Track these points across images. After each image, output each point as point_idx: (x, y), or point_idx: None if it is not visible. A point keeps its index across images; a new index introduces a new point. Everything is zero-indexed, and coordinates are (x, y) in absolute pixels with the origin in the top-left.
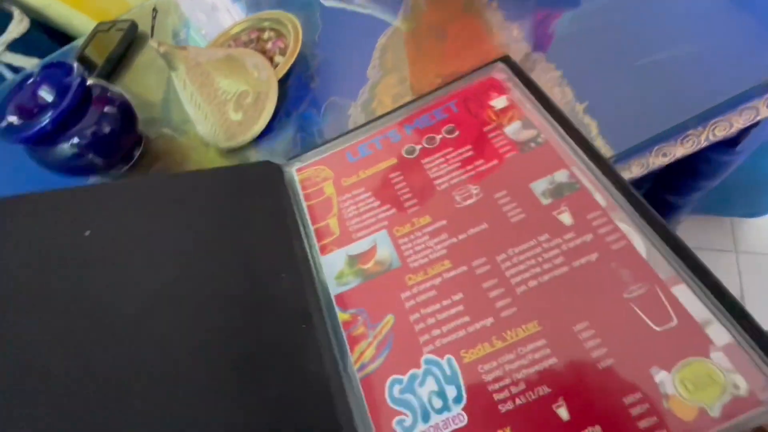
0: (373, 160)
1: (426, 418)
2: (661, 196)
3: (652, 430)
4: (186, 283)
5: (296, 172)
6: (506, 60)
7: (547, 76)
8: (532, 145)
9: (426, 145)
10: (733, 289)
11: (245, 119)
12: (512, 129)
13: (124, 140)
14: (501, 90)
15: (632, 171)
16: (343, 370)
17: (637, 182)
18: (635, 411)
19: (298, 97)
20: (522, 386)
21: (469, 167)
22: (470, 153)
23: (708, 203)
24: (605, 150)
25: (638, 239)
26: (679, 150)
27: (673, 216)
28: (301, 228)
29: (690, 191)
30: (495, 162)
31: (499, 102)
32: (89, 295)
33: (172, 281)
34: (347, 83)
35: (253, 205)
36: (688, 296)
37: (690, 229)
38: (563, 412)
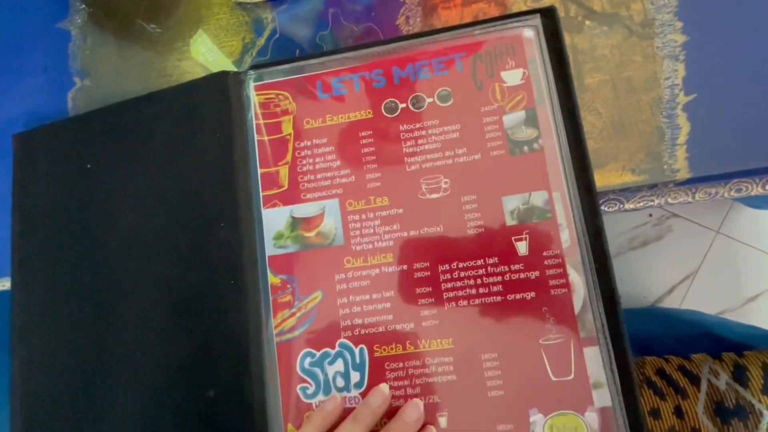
0: (346, 104)
1: (327, 391)
2: None
3: None
4: (140, 225)
5: (254, 91)
6: (548, 13)
7: (662, 40)
8: (525, 149)
9: (411, 107)
10: (694, 262)
11: None
12: (512, 119)
13: None
14: (521, 59)
15: (695, 197)
16: (263, 330)
17: None
18: None
19: None
20: (417, 390)
21: (448, 153)
22: (456, 135)
23: None
24: (682, 167)
25: (580, 292)
26: (757, 190)
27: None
28: (250, 168)
29: None
30: (478, 156)
31: (512, 76)
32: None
33: (130, 224)
34: None
35: (203, 136)
36: (594, 358)
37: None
38: (443, 421)
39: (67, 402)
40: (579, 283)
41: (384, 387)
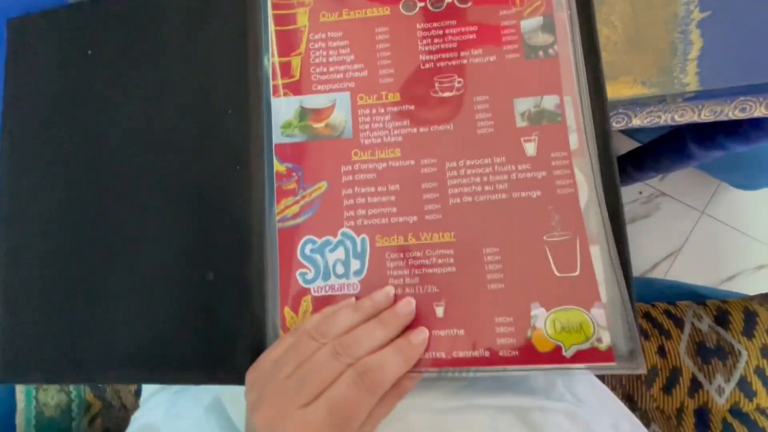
0: (363, 0)
1: (326, 277)
2: (684, 143)
3: (506, 348)
4: (143, 114)
5: None
6: None
7: None
8: (540, 53)
9: (430, 7)
10: (678, 240)
11: None
12: (530, 25)
13: None
14: None
15: (701, 115)
16: (266, 216)
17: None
18: (500, 329)
19: None
20: (416, 280)
21: (464, 53)
22: (473, 36)
23: (710, 163)
24: (692, 81)
25: (585, 192)
26: (760, 110)
27: (684, 164)
28: (263, 58)
29: (716, 148)
30: (493, 58)
31: None
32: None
33: (133, 113)
34: None
35: (216, 23)
36: (601, 257)
37: (677, 176)
38: (440, 311)
39: (59, 289)
40: (584, 183)
41: (389, 289)
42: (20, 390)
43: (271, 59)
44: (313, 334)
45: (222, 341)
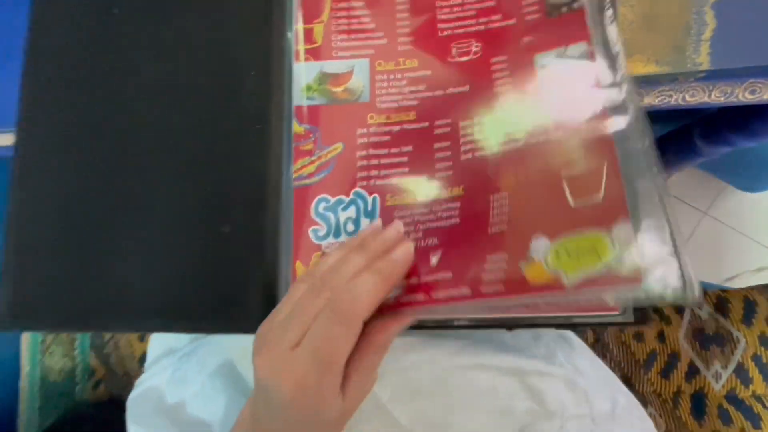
0: None
1: (337, 234)
2: (691, 138)
3: (491, 283)
4: (166, 72)
5: None
6: None
7: None
8: (564, 9)
9: None
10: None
11: None
12: None
13: None
14: None
15: (712, 95)
16: (283, 174)
17: (679, 117)
18: (489, 267)
19: None
20: (420, 235)
21: (482, 20)
22: (492, 3)
23: (716, 163)
24: (704, 61)
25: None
26: None
27: (690, 159)
28: (288, 24)
29: (722, 143)
30: (513, 21)
31: None
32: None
33: (155, 71)
34: None
35: None
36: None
37: (682, 177)
38: (434, 259)
39: (74, 238)
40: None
41: (378, 222)
42: (25, 354)
43: (295, 26)
44: (303, 278)
45: (235, 292)
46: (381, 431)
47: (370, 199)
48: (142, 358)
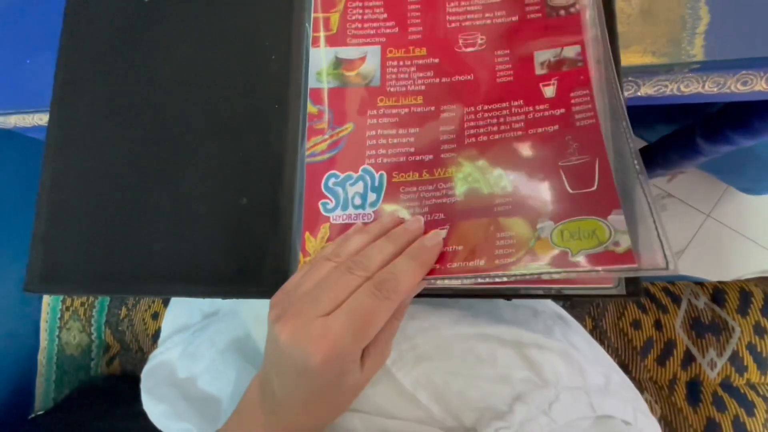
0: None
1: (345, 207)
2: (692, 138)
3: (504, 257)
4: (194, 56)
5: None
6: None
7: None
8: (562, 12)
9: None
10: (681, 242)
11: None
12: None
13: None
14: None
15: (705, 86)
16: (298, 150)
17: (681, 118)
18: (500, 242)
19: None
20: (425, 210)
21: (487, 15)
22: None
23: (718, 165)
24: (698, 53)
25: (607, 122)
26: (761, 85)
27: (692, 159)
28: (306, 13)
29: (723, 141)
30: (515, 18)
31: None
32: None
33: (194, 55)
34: None
35: None
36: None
37: (685, 179)
38: (443, 233)
39: (102, 206)
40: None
41: (396, 212)
42: (44, 329)
43: (313, 14)
44: (329, 257)
45: (251, 259)
46: (386, 394)
47: (377, 175)
48: (156, 335)
